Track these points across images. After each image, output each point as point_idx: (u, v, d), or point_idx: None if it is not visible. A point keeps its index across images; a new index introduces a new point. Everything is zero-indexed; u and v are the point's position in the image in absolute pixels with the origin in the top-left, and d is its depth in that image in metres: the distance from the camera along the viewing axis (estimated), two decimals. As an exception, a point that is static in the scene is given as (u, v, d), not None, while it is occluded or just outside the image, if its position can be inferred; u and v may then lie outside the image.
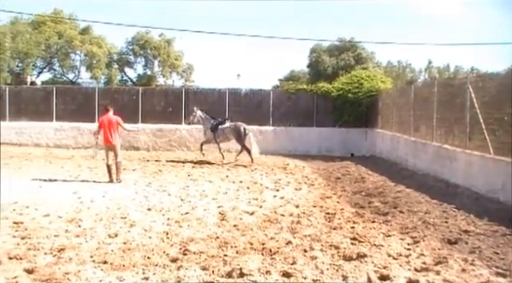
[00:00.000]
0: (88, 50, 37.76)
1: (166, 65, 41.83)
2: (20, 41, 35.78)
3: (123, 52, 42.54)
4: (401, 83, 38.41)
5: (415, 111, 15.88)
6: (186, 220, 8.35)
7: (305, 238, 7.26)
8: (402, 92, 18.36)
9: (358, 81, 22.05)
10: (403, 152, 16.71)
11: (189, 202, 10.10)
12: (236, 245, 6.78)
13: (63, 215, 8.56)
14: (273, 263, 6.07)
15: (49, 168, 15.32)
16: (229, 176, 14.31)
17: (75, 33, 38.57)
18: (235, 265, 5.90)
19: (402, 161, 16.59)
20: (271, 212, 9.27)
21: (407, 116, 16.59)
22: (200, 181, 13.11)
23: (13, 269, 5.63)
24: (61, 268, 5.65)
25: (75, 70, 41.92)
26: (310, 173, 15.26)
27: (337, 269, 5.87)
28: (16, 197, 10.13)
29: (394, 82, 29.43)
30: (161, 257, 6.19)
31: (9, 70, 36.56)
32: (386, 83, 22.66)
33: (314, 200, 10.65)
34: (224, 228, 7.89)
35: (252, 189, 12.06)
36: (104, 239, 7.02)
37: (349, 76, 23.67)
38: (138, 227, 7.74)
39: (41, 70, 41.63)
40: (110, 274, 5.58)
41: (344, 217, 8.85)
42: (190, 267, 5.83)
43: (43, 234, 7.15)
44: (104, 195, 10.69)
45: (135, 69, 43.51)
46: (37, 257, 6.10)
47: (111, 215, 8.64)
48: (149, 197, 10.64)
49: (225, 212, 9.14)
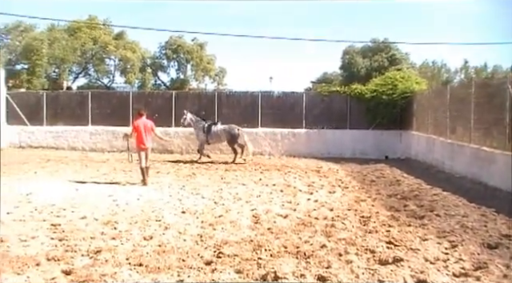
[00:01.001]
0: (122, 55, 38.34)
1: (198, 69, 42.15)
2: (56, 47, 36.59)
3: (156, 56, 43.05)
4: (436, 84, 37.78)
5: (451, 112, 15.57)
6: (220, 223, 8.36)
7: (339, 242, 7.17)
8: (438, 93, 18.03)
9: (392, 82, 21.76)
10: (439, 154, 16.40)
11: (222, 205, 10.12)
12: (270, 248, 6.74)
13: (99, 217, 8.68)
14: (307, 266, 6.01)
15: (85, 171, 15.59)
16: (262, 179, 14.29)
17: (109, 39, 39.24)
18: (269, 268, 5.87)
19: (437, 164, 16.29)
20: (305, 215, 9.20)
21: (443, 117, 16.28)
22: (233, 184, 13.13)
23: (51, 271, 5.73)
24: (97, 270, 5.72)
25: (110, 75, 42.65)
26: (343, 176, 15.12)
27: (372, 274, 5.78)
28: (53, 199, 10.34)
29: (429, 83, 28.94)
30: (195, 260, 6.21)
31: (46, 76, 37.44)
32: (421, 84, 22.29)
33: (349, 203, 10.53)
34: (258, 231, 7.87)
35: (285, 192, 12.01)
36: (139, 241, 7.08)
37: (383, 77, 23.40)
38: (173, 230, 7.79)
39: (76, 76, 42.46)
40: (145, 276, 5.62)
41: (379, 220, 8.72)
42: (225, 270, 5.83)
43: (80, 236, 7.25)
44: (139, 198, 10.80)
45: (168, 74, 44.03)
46: (74, 258, 6.19)
47: (146, 218, 8.72)
48: (183, 199, 10.70)
49: (258, 215, 9.12)
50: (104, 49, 38.90)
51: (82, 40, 38.06)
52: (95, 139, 22.87)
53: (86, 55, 39.68)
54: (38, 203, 9.91)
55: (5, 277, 5.38)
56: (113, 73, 42.38)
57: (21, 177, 13.88)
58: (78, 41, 37.93)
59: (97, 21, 40.12)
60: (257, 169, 16.84)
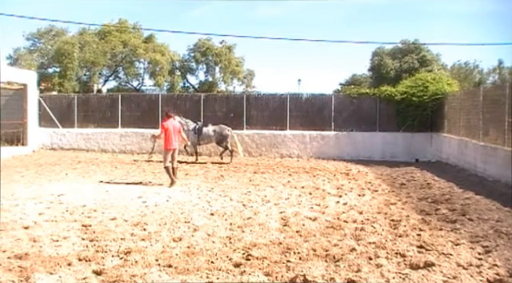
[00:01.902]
0: (151, 58, 38.67)
1: (227, 72, 42.22)
2: (87, 50, 37.16)
3: (185, 59, 43.29)
4: (468, 85, 37.12)
5: (484, 114, 15.26)
6: (249, 225, 8.34)
7: (369, 245, 7.09)
8: (470, 94, 17.69)
9: (422, 84, 21.45)
10: (471, 157, 16.08)
11: (251, 207, 10.11)
12: (299, 251, 6.70)
13: (129, 219, 8.76)
14: (337, 270, 5.95)
15: (115, 173, 15.77)
16: (290, 181, 14.24)
17: (139, 42, 39.63)
18: (299, 271, 5.83)
19: (470, 167, 15.97)
20: (334, 218, 9.13)
21: (476, 119, 15.97)
22: (261, 187, 13.11)
23: (82, 271, 5.80)
24: (127, 270, 5.77)
25: (139, 78, 43.05)
26: (373, 179, 14.96)
27: (403, 278, 5.69)
28: (84, 200, 10.49)
29: (460, 85, 28.47)
30: (224, 262, 6.21)
31: (77, 79, 38.04)
32: (453, 86, 21.93)
33: (378, 206, 10.41)
34: (286, 233, 7.83)
35: (314, 194, 11.94)
36: (168, 243, 7.12)
37: (413, 79, 23.06)
38: (202, 231, 7.81)
39: (107, 78, 43.00)
40: (174, 278, 5.64)
41: (409, 224, 8.58)
42: (254, 272, 5.81)
43: (110, 237, 7.33)
44: (168, 200, 10.87)
45: (197, 76, 44.16)
46: (105, 259, 6.25)
47: (175, 219, 8.77)
48: (211, 202, 10.73)
49: (287, 217, 9.08)
50: (134, 53, 39.29)
51: (112, 43, 38.55)
52: (125, 141, 23.14)
53: (116, 58, 40.16)
54: (69, 204, 10.06)
55: (38, 277, 5.46)
56: (142, 75, 42.79)
57: (52, 179, 14.13)
58: (108, 45, 38.44)
59: (127, 24, 40.62)
60: (285, 171, 16.79)
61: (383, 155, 21.26)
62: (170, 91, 39.49)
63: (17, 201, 10.27)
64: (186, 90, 42.38)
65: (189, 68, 43.38)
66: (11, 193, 11.26)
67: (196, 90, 41.15)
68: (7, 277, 5.47)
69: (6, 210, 9.32)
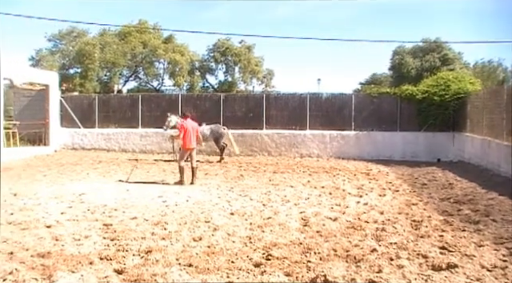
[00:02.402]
0: (171, 58, 38.88)
1: (246, 71, 42.25)
2: (108, 51, 37.52)
3: (205, 59, 43.44)
4: (491, 84, 36.59)
5: (508, 113, 14.99)
6: (269, 225, 8.32)
7: (390, 246, 7.01)
8: (494, 93, 17.39)
9: (444, 83, 21.21)
10: (495, 157, 15.83)
11: (271, 207, 10.08)
12: (319, 252, 6.66)
13: (149, 218, 8.80)
14: (358, 271, 5.90)
15: (135, 172, 15.88)
16: (310, 181, 14.18)
17: (159, 43, 39.87)
18: (319, 271, 5.80)
19: (493, 167, 15.72)
20: (355, 218, 9.06)
21: (499, 119, 15.71)
22: (281, 186, 13.07)
23: (104, 269, 5.83)
24: (148, 269, 5.79)
25: (159, 78, 43.32)
26: (394, 179, 14.83)
27: (426, 280, 5.61)
28: (105, 200, 10.57)
29: (483, 83, 28.07)
30: (244, 262, 6.20)
31: (97, 79, 38.46)
32: (475, 84, 21.63)
33: (399, 206, 10.30)
34: (307, 234, 7.79)
35: (334, 194, 11.87)
36: (189, 242, 7.13)
37: (434, 78, 22.80)
38: (222, 231, 7.81)
39: (127, 79, 43.35)
40: (194, 277, 5.64)
41: (431, 224, 8.47)
42: (274, 272, 5.79)
43: (131, 236, 7.36)
44: (188, 199, 10.90)
45: (216, 76, 44.27)
46: (126, 258, 6.28)
47: (195, 219, 8.78)
48: (231, 201, 10.73)
49: (307, 217, 9.03)
50: (153, 53, 39.55)
51: (133, 44, 38.85)
52: (145, 141, 23.30)
53: (136, 59, 40.47)
54: (90, 203, 10.15)
55: (60, 275, 5.51)
56: (162, 76, 43.04)
57: (74, 178, 14.27)
58: (128, 46, 38.76)
59: (147, 25, 40.90)
60: (305, 171, 16.74)
61: (404, 155, 21.06)
62: (189, 91, 39.69)
63: (39, 200, 10.40)
64: (206, 90, 42.53)
65: (208, 68, 43.52)
66: (34, 192, 11.41)
67: (215, 90, 41.26)
68: (30, 275, 5.53)
69: (29, 209, 9.44)
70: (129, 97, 26.82)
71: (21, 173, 15.31)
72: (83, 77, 36.99)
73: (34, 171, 15.80)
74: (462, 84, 20.89)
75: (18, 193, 11.23)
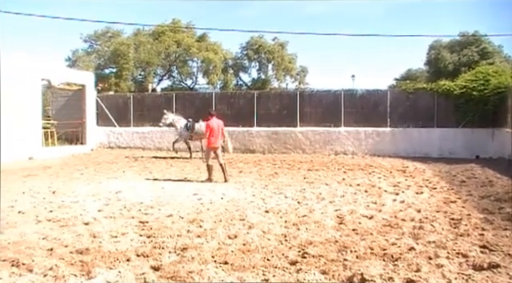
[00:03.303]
0: (205, 57, 39.10)
1: (279, 69, 42.15)
2: (142, 51, 37.99)
3: (238, 57, 43.53)
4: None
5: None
6: (304, 223, 8.25)
7: (429, 245, 6.85)
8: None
9: (483, 77, 20.68)
10: (537, 153, 15.37)
11: (306, 205, 10.00)
12: (356, 250, 6.56)
13: (185, 216, 8.83)
14: (395, 269, 5.78)
15: (170, 170, 16.02)
16: (345, 179, 14.04)
17: (192, 41, 40.16)
18: (356, 269, 5.70)
19: (535, 164, 15.27)
20: (391, 216, 8.90)
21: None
22: (316, 184, 12.98)
23: (140, 266, 5.87)
24: (184, 266, 5.80)
25: (193, 77, 43.65)
26: (431, 176, 14.55)
27: (466, 279, 5.45)
28: (141, 197, 10.68)
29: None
30: (280, 260, 6.15)
31: (132, 79, 39.00)
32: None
33: (437, 204, 10.08)
34: (342, 232, 7.69)
35: (370, 192, 11.71)
36: (224, 240, 7.12)
37: (473, 72, 22.26)
38: (257, 229, 7.78)
39: (161, 78, 43.81)
40: (230, 274, 5.63)
41: (471, 223, 8.25)
42: (310, 270, 5.73)
43: (167, 234, 7.40)
44: (222, 197, 10.91)
45: (250, 74, 44.33)
46: (162, 255, 6.31)
47: (230, 216, 8.78)
48: (266, 199, 10.70)
49: (343, 215, 8.93)
50: (187, 52, 39.85)
51: (166, 43, 39.23)
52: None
53: (169, 58, 40.85)
54: (126, 201, 10.26)
55: (98, 271, 5.58)
56: (196, 74, 43.36)
57: (110, 176, 14.48)
58: (162, 45, 39.15)
59: (180, 24, 41.24)
60: (340, 168, 16.60)
61: (441, 152, 20.67)
62: (223, 89, 39.83)
63: (77, 198, 10.58)
64: (239, 88, 42.60)
65: (241, 66, 43.60)
66: (72, 190, 11.62)
67: (249, 88, 41.31)
68: (70, 270, 5.61)
69: (67, 207, 9.61)
70: (163, 95, 27.10)
71: (59, 171, 15.64)
72: (118, 76, 37.57)
73: (71, 169, 16.11)
74: (502, 78, 20.30)
75: (57, 191, 11.46)
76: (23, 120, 19.78)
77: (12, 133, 18.92)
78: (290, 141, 22.43)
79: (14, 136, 19.03)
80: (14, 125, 19.17)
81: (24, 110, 19.86)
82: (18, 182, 13.09)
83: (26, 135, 19.75)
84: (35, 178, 13.95)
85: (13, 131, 19.00)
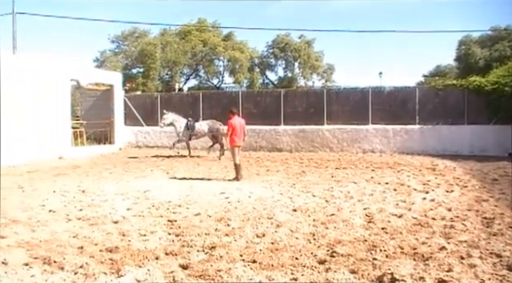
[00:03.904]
0: (231, 56, 39.22)
1: (306, 67, 42.02)
2: (169, 51, 38.28)
3: (264, 55, 43.51)
4: None
5: None
6: (332, 221, 8.18)
7: (460, 244, 6.71)
8: None
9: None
10: None
11: (334, 204, 9.92)
12: (385, 249, 6.47)
13: (212, 214, 8.84)
14: (426, 269, 5.67)
15: (197, 169, 16.07)
16: (374, 177, 13.88)
17: (218, 41, 40.32)
18: (386, 269, 5.62)
19: None
20: (421, 215, 8.76)
21: None
22: (344, 182, 12.87)
23: (169, 264, 5.89)
24: (213, 265, 5.80)
25: (219, 76, 43.82)
26: (461, 175, 14.29)
27: (500, 280, 5.32)
28: (169, 196, 10.73)
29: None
30: (308, 259, 6.11)
31: (159, 78, 39.33)
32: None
33: (469, 203, 9.89)
34: (371, 230, 7.60)
35: (399, 190, 11.55)
36: (252, 238, 7.11)
37: (505, 68, 21.79)
38: (285, 228, 7.74)
39: (187, 77, 44.09)
40: (259, 273, 5.61)
41: (504, 222, 8.06)
42: (339, 269, 5.67)
43: (195, 232, 7.41)
44: (250, 195, 10.89)
45: (276, 72, 44.33)
46: (190, 253, 6.32)
47: (258, 215, 8.76)
48: (293, 197, 10.64)
49: (371, 214, 8.83)
50: (213, 51, 40.03)
51: (193, 43, 39.46)
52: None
53: (196, 57, 41.08)
54: (154, 200, 10.32)
55: (128, 269, 5.62)
56: (222, 73, 43.54)
57: (138, 175, 14.60)
58: (188, 44, 39.40)
59: (206, 23, 41.44)
60: (368, 166, 16.43)
61: (472, 149, 20.27)
62: (249, 88, 39.89)
63: (106, 197, 10.69)
64: (266, 87, 42.60)
65: (268, 64, 43.60)
66: (101, 189, 11.75)
67: (275, 86, 41.26)
68: (100, 268, 5.66)
69: (97, 205, 9.72)
70: (190, 95, 27.24)
71: (88, 170, 15.84)
72: (145, 76, 37.94)
73: (100, 169, 16.31)
74: (536, 73, 19.84)
75: (86, 190, 11.61)
76: (53, 120, 20.09)
77: (42, 134, 19.25)
78: (318, 139, 22.31)
79: (45, 136, 19.36)
80: (45, 126, 19.49)
81: (54, 111, 20.18)
82: (49, 181, 13.30)
83: (55, 135, 20.07)
84: (65, 177, 14.16)
85: (43, 131, 19.33)
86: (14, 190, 11.73)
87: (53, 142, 19.78)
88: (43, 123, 19.47)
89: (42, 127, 19.36)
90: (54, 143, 19.86)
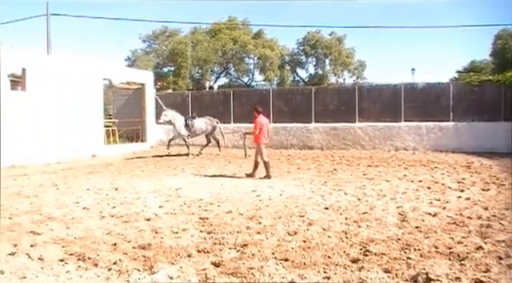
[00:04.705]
0: (261, 54, 39.17)
1: (337, 64, 41.67)
2: (199, 49, 38.49)
3: (294, 53, 43.33)
4: None
5: None
6: (365, 220, 8.08)
7: (498, 244, 6.52)
8: None
9: (557, 67, 19.67)
10: None
11: (366, 202, 9.80)
12: (419, 248, 6.34)
13: (244, 212, 8.83)
14: (462, 269, 5.53)
15: (228, 167, 16.11)
16: (407, 175, 13.68)
17: (248, 38, 40.34)
18: (420, 268, 5.51)
19: None
20: (456, 214, 8.57)
21: None
22: (376, 180, 12.71)
23: (201, 262, 5.89)
24: (245, 263, 5.78)
25: (249, 74, 43.82)
26: (498, 173, 13.95)
27: (541, 281, 5.17)
28: (200, 194, 10.77)
29: None
30: (341, 257, 6.03)
31: (190, 77, 39.55)
32: None
33: (506, 202, 9.62)
34: (405, 229, 7.46)
35: (433, 188, 11.34)
36: (284, 236, 7.06)
37: (545, 62, 21.23)
38: (317, 226, 7.67)
39: (218, 75, 44.23)
40: (291, 272, 5.56)
41: (544, 221, 7.84)
42: (372, 268, 5.58)
43: (227, 230, 7.41)
44: (281, 193, 10.85)
45: (307, 70, 44.09)
46: (222, 251, 6.32)
47: (289, 213, 8.70)
48: (325, 195, 10.55)
49: (405, 212, 8.68)
50: (243, 49, 40.07)
51: (223, 41, 39.58)
52: (237, 136, 23.57)
53: (226, 55, 41.20)
54: (186, 197, 10.37)
55: (160, 266, 5.64)
56: (252, 71, 43.53)
57: (170, 173, 14.71)
58: (219, 43, 39.53)
59: (236, 21, 41.49)
60: (400, 164, 16.21)
61: (509, 147, 19.74)
62: (279, 86, 39.79)
63: (138, 195, 10.79)
64: (296, 84, 42.44)
65: (298, 62, 43.39)
66: (133, 187, 11.88)
67: (306, 84, 41.08)
68: (133, 265, 5.70)
69: (129, 203, 9.82)
70: (220, 93, 27.34)
71: (121, 168, 16.04)
72: (176, 75, 38.24)
73: (132, 166, 16.50)
74: None
75: (119, 188, 11.75)
76: (87, 119, 20.43)
77: (76, 132, 19.60)
78: (349, 136, 22.12)
79: (78, 134, 19.71)
80: (78, 124, 19.84)
81: (87, 110, 20.51)
82: (83, 179, 13.51)
83: (89, 133, 20.40)
84: (98, 175, 14.37)
85: (77, 130, 19.68)
86: (49, 188, 11.96)
87: (86, 140, 20.13)
88: (77, 122, 19.81)
89: (76, 126, 19.70)
90: (88, 141, 20.21)
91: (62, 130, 19.01)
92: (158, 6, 56.84)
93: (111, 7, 59.85)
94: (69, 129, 19.33)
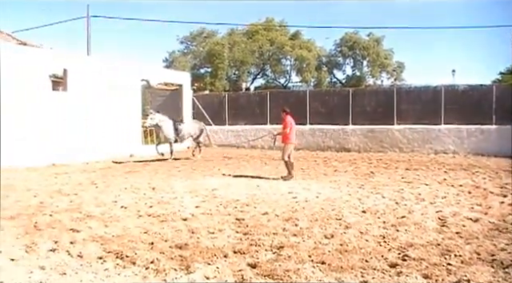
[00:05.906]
0: (298, 55, 38.98)
1: (375, 65, 41.09)
2: (236, 50, 38.60)
3: (332, 54, 42.99)
4: None
5: None
6: (403, 224, 7.92)
7: (545, 252, 6.32)
8: None
9: None
10: None
11: (404, 206, 9.62)
12: (460, 254, 6.17)
13: (280, 214, 8.78)
14: (506, 277, 5.35)
15: (264, 168, 16.09)
16: (446, 179, 13.39)
17: (285, 39, 40.19)
18: (461, 275, 5.36)
19: None
20: (499, 220, 8.31)
21: None
22: (415, 184, 12.47)
23: (237, 263, 5.89)
24: (281, 265, 5.74)
25: (286, 75, 43.64)
26: (543, 178, 13.52)
27: None
28: (237, 195, 10.79)
29: None
30: (379, 261, 5.93)
31: (227, 78, 39.70)
32: None
33: (551, 208, 9.32)
34: (445, 234, 7.29)
35: (474, 193, 11.06)
36: (320, 239, 6.99)
37: None
38: (354, 229, 7.57)
39: (254, 77, 44.21)
40: (328, 275, 5.49)
41: None
42: (411, 274, 5.46)
43: (263, 231, 7.38)
44: (318, 196, 10.77)
45: (344, 71, 43.63)
46: (258, 252, 6.29)
47: (326, 216, 8.62)
48: (362, 199, 10.42)
49: (445, 217, 8.47)
50: (280, 50, 39.95)
51: (260, 42, 39.57)
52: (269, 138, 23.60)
53: (263, 56, 41.16)
54: (222, 198, 10.39)
55: (197, 266, 5.66)
56: (289, 72, 43.33)
57: (206, 174, 14.79)
58: (255, 44, 39.54)
59: (273, 23, 41.44)
60: (440, 168, 15.89)
61: (555, 151, 19.13)
62: (316, 87, 39.51)
63: (175, 195, 10.87)
64: (333, 86, 42.08)
65: (335, 63, 43.00)
66: (170, 187, 11.99)
67: (343, 85, 40.69)
68: (170, 264, 5.74)
69: (167, 202, 9.90)
70: (257, 94, 27.39)
71: (158, 168, 16.22)
72: (213, 76, 38.43)
73: (169, 167, 16.66)
74: None
75: (156, 188, 11.87)
76: (125, 119, 20.75)
77: (115, 132, 19.94)
78: (387, 139, 21.82)
79: (117, 134, 20.04)
80: (117, 125, 20.18)
81: (125, 110, 20.83)
82: (121, 178, 13.72)
83: (127, 133, 20.71)
84: (136, 175, 14.57)
85: (116, 130, 20.02)
86: (88, 186, 12.18)
87: (124, 140, 20.44)
88: (115, 122, 20.15)
89: (115, 126, 20.04)
90: (126, 141, 20.52)
91: (100, 130, 19.38)
92: (195, 8, 57.49)
93: (150, 8, 60.77)
94: (107, 129, 19.68)
